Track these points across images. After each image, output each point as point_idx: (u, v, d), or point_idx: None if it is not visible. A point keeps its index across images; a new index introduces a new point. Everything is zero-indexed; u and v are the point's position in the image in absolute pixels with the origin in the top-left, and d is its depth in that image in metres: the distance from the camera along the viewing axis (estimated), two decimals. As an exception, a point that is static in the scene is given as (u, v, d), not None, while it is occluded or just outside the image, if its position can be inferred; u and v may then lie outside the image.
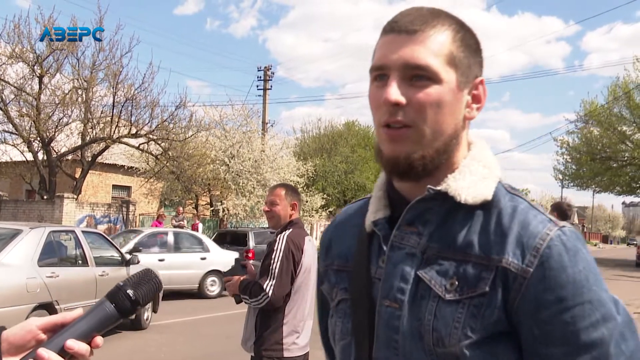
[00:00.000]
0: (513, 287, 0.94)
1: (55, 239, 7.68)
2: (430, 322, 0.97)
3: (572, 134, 36.19)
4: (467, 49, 1.03)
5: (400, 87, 0.98)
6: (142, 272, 1.05)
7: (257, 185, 22.41)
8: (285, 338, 3.23)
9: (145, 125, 19.29)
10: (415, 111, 0.98)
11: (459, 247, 0.99)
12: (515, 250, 0.95)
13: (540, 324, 0.93)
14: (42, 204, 19.03)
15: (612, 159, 34.55)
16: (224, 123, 23.55)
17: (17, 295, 6.51)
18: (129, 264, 8.72)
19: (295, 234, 3.31)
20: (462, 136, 1.05)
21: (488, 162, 1.06)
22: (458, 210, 1.01)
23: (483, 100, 1.06)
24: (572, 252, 0.95)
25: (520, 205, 1.01)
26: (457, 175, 1.02)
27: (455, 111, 1.01)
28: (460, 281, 0.97)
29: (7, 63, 17.18)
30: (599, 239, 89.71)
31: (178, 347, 8.06)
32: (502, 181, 1.05)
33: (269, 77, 28.85)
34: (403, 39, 0.99)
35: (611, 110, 32.82)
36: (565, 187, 43.61)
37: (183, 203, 22.48)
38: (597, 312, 0.93)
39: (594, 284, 0.94)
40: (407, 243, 1.04)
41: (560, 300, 0.93)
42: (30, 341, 0.96)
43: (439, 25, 1.00)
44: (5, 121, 18.01)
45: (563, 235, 0.96)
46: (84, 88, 18.18)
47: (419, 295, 1.00)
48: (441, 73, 0.98)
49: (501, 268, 0.95)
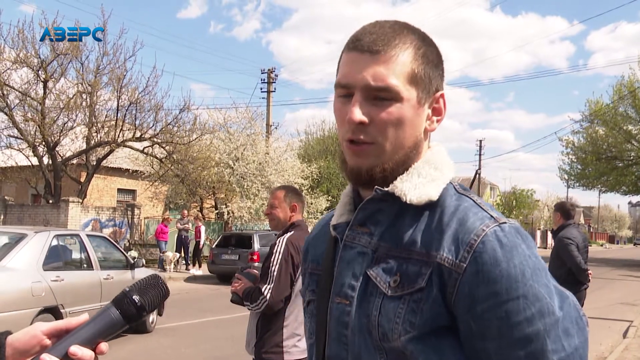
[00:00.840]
0: (449, 283, 0.96)
1: (60, 242, 7.70)
2: (376, 318, 1.01)
3: (577, 134, 36.14)
4: (428, 65, 1.06)
5: (364, 106, 1.03)
6: (148, 277, 1.04)
7: (262, 188, 22.40)
8: (285, 341, 3.20)
9: (150, 128, 19.33)
10: (377, 129, 1.03)
11: (404, 245, 1.03)
12: (451, 246, 0.97)
13: (476, 318, 0.95)
14: (47, 208, 19.08)
15: (617, 158, 34.43)
16: (228, 126, 23.58)
17: (22, 299, 6.53)
18: (134, 267, 8.74)
19: (296, 236, 3.26)
20: (422, 146, 1.10)
21: (440, 165, 1.09)
22: (407, 210, 1.05)
23: (443, 112, 1.11)
24: (508, 248, 0.96)
25: (464, 203, 1.03)
26: (405, 177, 1.06)
27: (415, 126, 1.06)
28: (402, 278, 1.00)
29: (12, 68, 17.25)
30: (605, 239, 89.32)
31: (183, 350, 8.06)
32: (453, 182, 1.09)
33: (272, 80, 28.86)
34: (366, 59, 1.03)
35: (616, 109, 32.72)
36: (571, 187, 43.53)
37: (188, 206, 22.50)
38: (532, 307, 0.93)
39: (530, 279, 0.95)
40: (358, 242, 1.08)
41: (494, 294, 0.94)
42: (35, 346, 0.96)
43: (400, 43, 1.04)
44: (10, 126, 18.09)
45: (500, 231, 0.97)
46: (88, 92, 18.22)
47: (368, 292, 1.04)
48: (402, 92, 1.03)
49: (437, 264, 0.97)
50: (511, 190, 55.21)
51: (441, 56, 1.11)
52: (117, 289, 7.05)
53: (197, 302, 12.69)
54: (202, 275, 18.15)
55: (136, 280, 1.08)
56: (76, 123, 18.98)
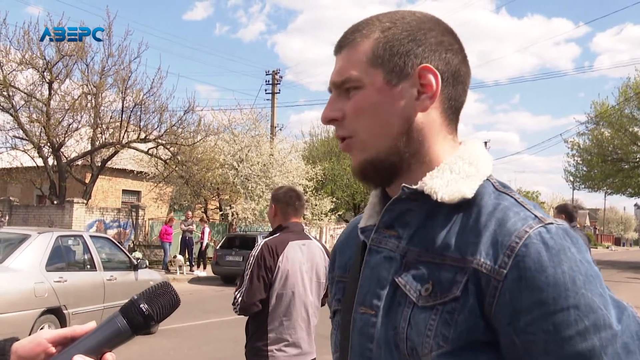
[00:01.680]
0: (487, 291, 0.86)
1: (63, 243, 7.71)
2: (404, 331, 0.91)
3: (582, 136, 36.01)
4: (395, 42, 0.98)
5: (338, 103, 1.01)
6: (158, 285, 1.00)
7: (266, 189, 22.40)
8: (270, 345, 3.14)
9: (154, 130, 19.40)
10: (350, 122, 1.00)
11: (437, 250, 0.92)
12: (489, 250, 0.87)
13: (520, 332, 0.84)
14: (52, 209, 19.14)
15: (623, 160, 34.27)
16: (232, 127, 23.61)
17: (25, 300, 6.54)
18: (137, 269, 8.74)
19: (275, 239, 3.23)
20: (423, 132, 0.98)
21: (475, 160, 0.98)
22: (439, 210, 0.95)
23: (434, 87, 0.97)
24: (555, 251, 0.85)
25: (503, 202, 0.93)
26: (435, 173, 0.97)
27: (393, 109, 0.97)
28: (435, 286, 0.90)
29: (17, 69, 17.33)
30: (611, 241, 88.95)
31: (186, 352, 8.06)
32: (491, 179, 0.98)
33: (277, 81, 28.90)
34: (336, 60, 1.03)
35: (622, 111, 32.58)
36: (576, 189, 43.37)
37: (192, 207, 22.53)
38: (586, 319, 0.82)
39: (582, 287, 0.83)
40: (385, 246, 0.99)
41: (540, 304, 0.83)
42: (40, 354, 0.94)
43: (365, 30, 1.00)
44: (15, 127, 18.17)
45: (545, 233, 0.86)
46: (93, 93, 18.30)
47: (396, 302, 0.94)
48: (362, 78, 0.98)
49: (473, 270, 0.87)
50: (516, 192, 54.97)
51: (428, 31, 0.99)
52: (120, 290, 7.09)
53: (200, 303, 12.68)
54: (206, 276, 18.16)
55: (139, 281, 1.04)
56: (81, 124, 19.08)
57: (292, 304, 3.18)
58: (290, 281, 3.18)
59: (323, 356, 3.73)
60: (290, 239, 3.25)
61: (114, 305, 7.73)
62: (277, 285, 3.16)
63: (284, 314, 3.17)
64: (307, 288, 3.25)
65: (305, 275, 3.24)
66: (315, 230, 26.67)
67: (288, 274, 3.17)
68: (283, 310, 3.17)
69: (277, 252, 3.17)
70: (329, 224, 28.52)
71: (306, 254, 3.28)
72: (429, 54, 0.98)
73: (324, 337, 1.69)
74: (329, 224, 28.69)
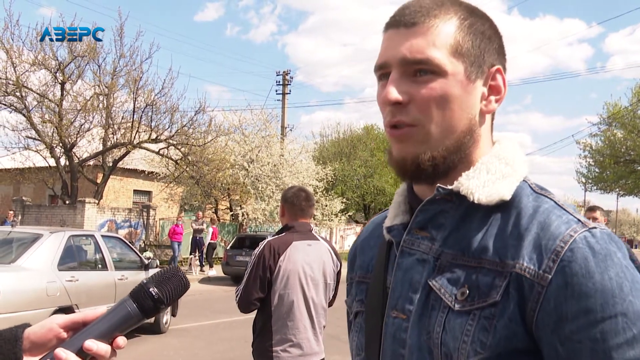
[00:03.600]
0: (530, 297, 0.83)
1: (75, 243, 7.75)
2: (439, 336, 0.88)
3: (595, 137, 35.67)
4: (477, 37, 0.94)
5: (402, 84, 0.91)
6: (167, 269, 1.00)
7: (276, 190, 22.43)
8: (275, 346, 3.14)
9: (165, 130, 19.46)
10: (419, 109, 0.91)
11: (473, 253, 0.89)
12: (532, 254, 0.84)
13: (564, 340, 0.81)
14: (64, 209, 19.27)
15: (636, 161, 33.95)
16: (243, 128, 23.66)
17: (37, 299, 6.58)
18: (148, 268, 8.77)
19: (278, 239, 3.24)
20: (479, 132, 0.96)
21: (511, 160, 0.95)
22: (475, 212, 0.92)
23: (503, 91, 0.96)
24: (602, 256, 0.81)
25: (543, 205, 0.89)
26: (472, 174, 0.93)
27: (466, 105, 0.93)
28: (471, 290, 0.87)
29: (30, 70, 17.46)
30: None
31: (196, 352, 8.08)
32: (528, 180, 0.95)
33: (287, 82, 28.93)
34: (402, 34, 0.93)
35: (635, 112, 32.28)
36: (589, 191, 43.00)
37: (203, 208, 22.60)
38: (634, 327, 0.79)
39: (629, 294, 0.80)
40: (417, 249, 0.96)
41: (587, 312, 0.80)
42: (52, 340, 0.94)
43: (442, 14, 0.93)
44: (28, 127, 18.30)
45: (591, 237, 0.83)
46: (105, 94, 18.40)
47: (430, 306, 0.91)
48: (445, 65, 0.91)
49: (515, 274, 0.84)
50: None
51: (497, 30, 0.98)
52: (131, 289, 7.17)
53: (210, 303, 12.72)
54: (216, 276, 18.22)
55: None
56: (93, 125, 19.20)
57: (295, 304, 3.17)
58: (292, 281, 3.17)
59: (332, 356, 3.72)
60: (294, 239, 3.24)
61: (125, 305, 7.78)
62: (279, 285, 3.16)
63: (288, 314, 3.16)
64: (312, 288, 3.23)
65: (309, 275, 3.22)
66: (326, 230, 26.68)
67: (290, 274, 3.17)
68: (286, 310, 3.16)
69: (278, 252, 3.17)
70: (339, 224, 28.52)
71: (312, 255, 3.26)
72: (499, 56, 0.97)
73: (332, 337, 1.67)
74: (339, 225, 28.69)
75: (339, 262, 3.40)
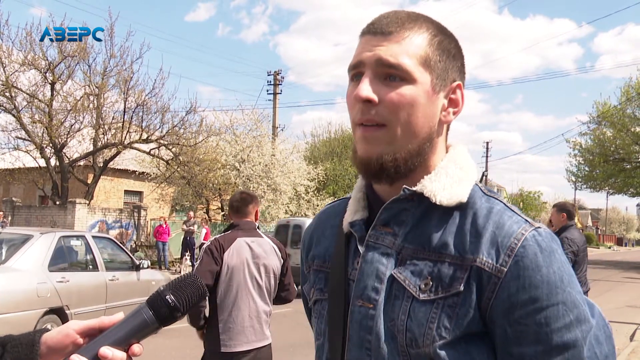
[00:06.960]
0: (487, 287, 0.94)
1: (65, 244, 7.72)
2: (404, 323, 0.97)
3: (584, 136, 35.92)
4: (444, 53, 1.03)
5: (374, 85, 0.98)
6: (184, 276, 1.00)
7: (268, 190, 22.43)
8: (222, 334, 3.43)
9: (156, 130, 19.44)
10: (388, 110, 0.98)
11: (434, 248, 0.99)
12: (490, 250, 0.95)
13: (514, 323, 0.93)
14: (54, 210, 19.18)
15: (625, 160, 34.22)
16: (234, 128, 23.62)
17: (27, 300, 6.55)
18: (139, 269, 8.75)
19: (225, 236, 3.55)
20: (437, 140, 1.05)
21: (465, 165, 1.06)
22: (433, 211, 1.02)
23: (461, 105, 1.06)
24: (547, 253, 0.95)
25: (496, 206, 1.01)
26: (433, 177, 1.03)
27: (429, 113, 1.01)
28: (434, 281, 0.97)
29: (20, 70, 17.38)
30: (613, 242, 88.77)
31: (188, 352, 8.06)
32: (478, 184, 1.06)
33: (279, 82, 28.92)
34: (379, 39, 1.00)
35: (624, 111, 32.52)
36: (578, 189, 43.37)
37: (194, 208, 22.55)
38: (571, 313, 0.93)
39: (568, 285, 0.94)
40: (382, 243, 1.04)
41: (534, 300, 0.92)
42: (69, 346, 0.96)
43: (415, 28, 1.01)
44: (18, 128, 18.22)
45: (538, 236, 0.96)
46: (95, 94, 18.34)
47: (393, 295, 1.00)
48: (414, 73, 0.99)
49: (475, 267, 0.95)
50: (518, 193, 55.08)
51: (461, 50, 1.07)
52: (122, 290, 7.10)
53: (202, 303, 12.69)
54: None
55: (141, 282, 1.04)
56: (83, 125, 19.12)
57: (239, 296, 3.44)
58: (235, 274, 3.44)
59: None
60: (239, 236, 3.54)
61: (116, 306, 7.75)
62: (224, 277, 3.43)
63: (232, 305, 3.44)
64: (255, 280, 3.50)
65: (253, 269, 3.49)
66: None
67: (234, 268, 3.44)
68: (231, 301, 3.44)
69: (223, 247, 3.46)
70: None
71: (255, 250, 3.53)
72: (460, 74, 1.07)
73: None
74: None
75: (285, 256, 3.71)
